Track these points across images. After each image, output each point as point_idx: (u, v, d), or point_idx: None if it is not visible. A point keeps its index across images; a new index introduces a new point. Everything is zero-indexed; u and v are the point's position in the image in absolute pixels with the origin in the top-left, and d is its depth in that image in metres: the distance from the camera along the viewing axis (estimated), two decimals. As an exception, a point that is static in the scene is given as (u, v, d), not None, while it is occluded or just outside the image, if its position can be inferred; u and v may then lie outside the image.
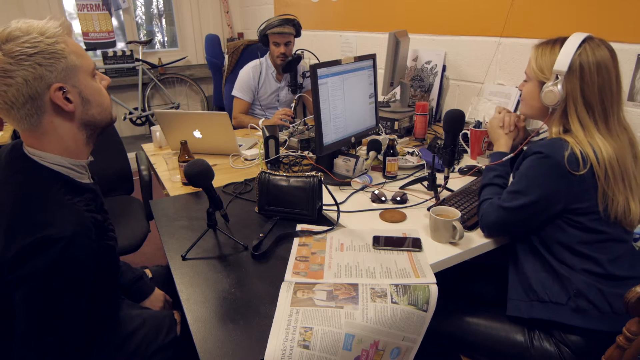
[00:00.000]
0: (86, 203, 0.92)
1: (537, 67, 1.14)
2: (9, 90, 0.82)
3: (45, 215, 0.83)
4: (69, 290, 0.86)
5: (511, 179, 1.21)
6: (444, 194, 1.46)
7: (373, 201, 1.42)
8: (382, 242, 1.16)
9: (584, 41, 1.07)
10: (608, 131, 1.08)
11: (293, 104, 2.40)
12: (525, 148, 1.25)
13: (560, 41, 1.11)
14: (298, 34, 2.52)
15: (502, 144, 1.34)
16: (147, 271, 1.39)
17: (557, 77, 1.09)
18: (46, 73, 0.84)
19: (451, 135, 1.38)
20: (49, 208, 0.84)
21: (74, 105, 0.90)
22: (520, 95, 1.28)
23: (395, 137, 2.04)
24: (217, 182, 1.44)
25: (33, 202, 0.84)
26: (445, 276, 1.07)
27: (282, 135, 1.95)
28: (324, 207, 1.35)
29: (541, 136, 1.40)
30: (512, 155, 1.28)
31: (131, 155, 2.26)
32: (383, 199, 1.42)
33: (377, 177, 1.63)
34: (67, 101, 0.89)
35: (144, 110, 4.44)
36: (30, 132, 0.89)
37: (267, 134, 1.67)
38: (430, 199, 1.42)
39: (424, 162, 1.72)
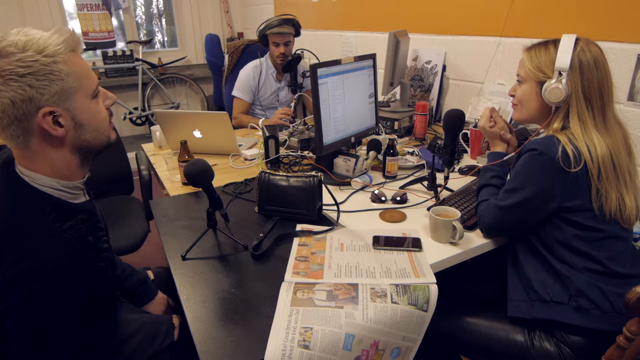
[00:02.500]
0: (77, 228, 0.87)
1: (533, 67, 1.15)
2: None
3: (30, 246, 0.79)
4: (57, 318, 0.83)
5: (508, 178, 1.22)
6: (444, 194, 1.46)
7: (373, 201, 1.42)
8: (382, 242, 1.16)
9: (577, 39, 1.10)
10: (605, 125, 1.09)
11: (293, 104, 2.40)
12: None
13: (552, 42, 1.13)
14: (298, 34, 2.52)
15: (498, 143, 1.34)
16: (150, 272, 1.39)
17: (559, 75, 1.10)
18: (37, 95, 0.78)
19: (451, 135, 1.38)
20: (34, 238, 0.80)
21: (65, 130, 0.84)
22: (512, 100, 1.26)
23: (395, 137, 2.04)
24: (217, 182, 1.44)
25: (19, 229, 0.80)
26: (445, 276, 1.07)
27: (282, 135, 1.95)
28: (324, 207, 1.35)
29: (541, 135, 1.41)
30: (511, 155, 1.28)
31: (131, 155, 2.26)
32: (383, 198, 1.42)
33: (377, 177, 1.63)
34: (58, 125, 0.83)
35: (143, 110, 4.44)
36: (20, 152, 0.85)
37: (267, 134, 1.67)
38: (430, 199, 1.42)
39: (424, 162, 1.72)
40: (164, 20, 4.81)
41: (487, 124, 1.35)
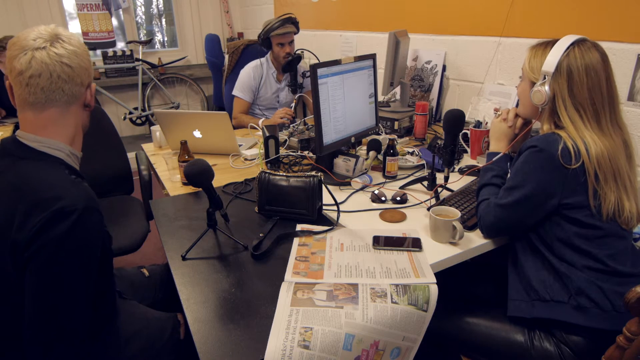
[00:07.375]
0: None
1: (529, 67, 1.17)
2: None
3: (58, 192, 0.86)
4: (78, 265, 0.87)
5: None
6: (444, 194, 1.46)
7: (373, 201, 1.42)
8: (382, 242, 1.16)
9: (574, 43, 1.09)
10: (600, 130, 1.09)
11: (293, 104, 2.40)
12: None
13: (552, 43, 1.13)
14: (297, 30, 2.53)
15: (501, 143, 1.33)
16: (144, 270, 1.39)
17: (544, 78, 1.11)
18: (90, 70, 0.99)
19: (451, 135, 1.38)
20: (60, 185, 0.88)
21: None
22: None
23: (395, 137, 2.04)
24: (217, 182, 1.44)
25: (45, 182, 0.88)
26: (445, 276, 1.07)
27: (282, 135, 1.95)
28: (324, 207, 1.35)
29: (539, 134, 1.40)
30: (503, 152, 1.28)
31: (131, 155, 2.26)
32: (383, 198, 1.42)
33: (377, 177, 1.63)
34: None
35: (143, 110, 4.44)
36: (51, 113, 0.94)
37: (267, 134, 1.67)
38: (430, 199, 1.42)
39: (424, 162, 1.72)
40: (164, 20, 4.81)
41: (500, 121, 1.33)
